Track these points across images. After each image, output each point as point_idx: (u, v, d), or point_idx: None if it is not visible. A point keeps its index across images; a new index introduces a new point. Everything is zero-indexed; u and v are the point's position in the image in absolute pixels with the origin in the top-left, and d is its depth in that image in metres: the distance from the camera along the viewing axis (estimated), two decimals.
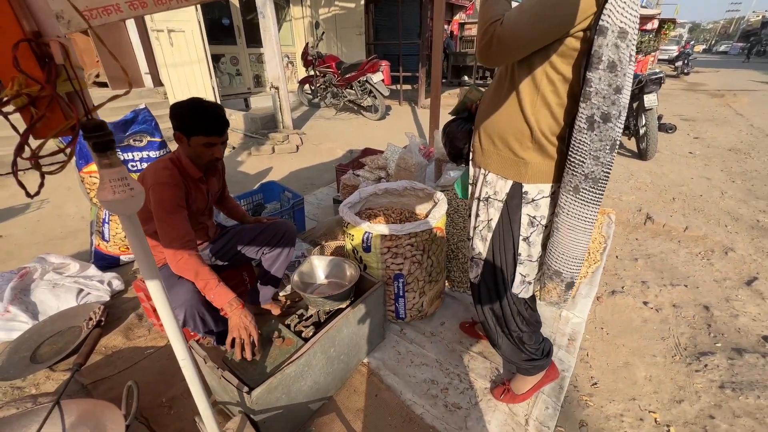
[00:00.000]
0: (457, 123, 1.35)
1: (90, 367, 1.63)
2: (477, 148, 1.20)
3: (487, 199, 1.18)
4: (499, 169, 1.12)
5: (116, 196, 0.57)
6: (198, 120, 1.36)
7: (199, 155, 1.42)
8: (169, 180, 1.36)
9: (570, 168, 0.98)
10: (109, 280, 2.08)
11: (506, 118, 1.06)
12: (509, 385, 1.49)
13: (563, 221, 1.03)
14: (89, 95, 0.56)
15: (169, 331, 0.80)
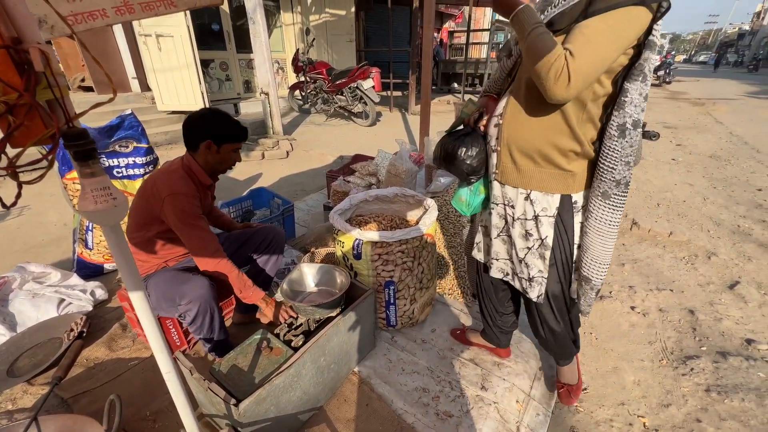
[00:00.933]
0: (459, 139, 1.23)
1: (70, 381, 1.58)
2: (509, 168, 1.15)
3: (536, 217, 1.15)
4: (544, 186, 1.10)
5: (98, 206, 0.56)
6: (230, 128, 1.45)
7: (224, 161, 1.51)
8: (188, 190, 1.40)
9: (600, 174, 1.03)
10: (92, 290, 2.03)
11: (549, 135, 1.03)
12: (566, 383, 1.52)
13: (593, 226, 1.09)
14: (71, 102, 0.54)
15: (152, 343, 0.78)
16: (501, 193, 1.22)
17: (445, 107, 8.77)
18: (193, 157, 1.48)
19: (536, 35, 0.89)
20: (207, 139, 1.42)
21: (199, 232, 1.40)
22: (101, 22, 1.01)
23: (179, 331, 1.68)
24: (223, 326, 1.55)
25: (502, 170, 1.18)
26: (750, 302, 2.14)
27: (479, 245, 1.44)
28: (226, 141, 1.45)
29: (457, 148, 1.20)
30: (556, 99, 0.91)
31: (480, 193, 1.30)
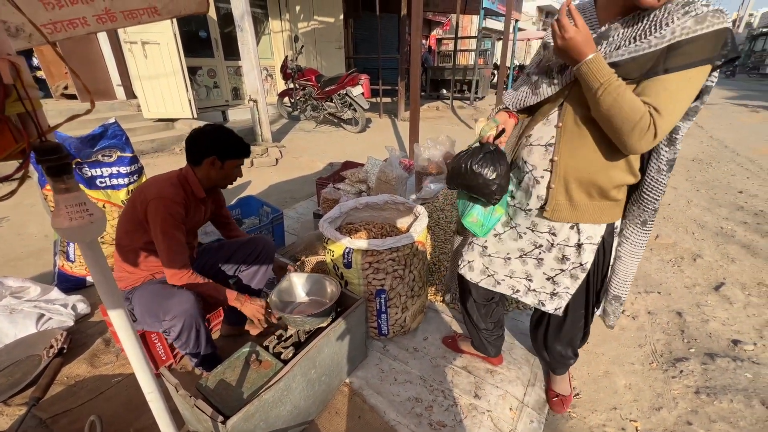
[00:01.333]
0: (484, 157, 1.11)
1: (50, 400, 1.51)
2: (562, 204, 1.10)
3: (579, 245, 1.14)
4: (595, 218, 1.10)
5: (73, 222, 0.53)
6: (235, 144, 1.47)
7: (227, 176, 1.52)
8: (175, 197, 1.38)
9: (643, 204, 1.09)
10: (74, 304, 1.96)
11: (611, 171, 1.02)
12: (560, 393, 1.55)
13: (627, 251, 1.17)
14: (44, 115, 0.52)
15: (134, 363, 0.75)
16: (546, 228, 1.17)
17: (435, 113, 8.84)
18: (194, 170, 1.48)
19: (615, 91, 0.85)
20: (212, 155, 1.44)
21: (171, 243, 1.37)
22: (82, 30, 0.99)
23: (165, 345, 1.64)
24: (210, 340, 1.51)
25: (554, 207, 1.11)
26: (735, 303, 2.18)
27: (471, 264, 1.38)
28: (231, 157, 1.47)
29: (483, 167, 1.09)
30: (635, 152, 0.94)
31: (496, 213, 1.20)
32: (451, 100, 9.54)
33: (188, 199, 1.46)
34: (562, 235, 1.15)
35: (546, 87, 1.06)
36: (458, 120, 7.97)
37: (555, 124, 1.05)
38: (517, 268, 1.29)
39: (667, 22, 0.83)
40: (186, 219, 1.45)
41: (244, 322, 1.86)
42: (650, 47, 0.84)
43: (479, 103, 9.97)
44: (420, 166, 2.95)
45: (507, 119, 1.18)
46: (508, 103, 1.20)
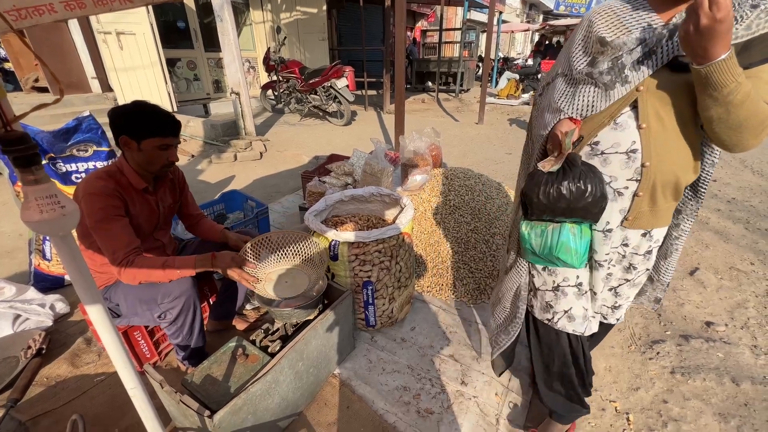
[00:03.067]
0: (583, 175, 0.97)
1: (29, 401, 1.48)
2: (644, 212, 1.00)
3: (649, 251, 1.08)
4: (666, 220, 1.04)
5: (44, 215, 0.52)
6: (150, 121, 1.27)
7: (151, 161, 1.32)
8: (100, 190, 1.24)
9: (698, 198, 1.05)
10: (52, 303, 1.90)
11: (692, 170, 0.96)
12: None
13: (679, 239, 1.13)
14: (8, 104, 0.50)
15: (114, 359, 0.73)
16: (620, 237, 1.07)
17: (420, 106, 8.83)
18: (126, 158, 1.34)
19: (746, 88, 0.74)
20: (122, 135, 1.27)
21: (106, 236, 1.23)
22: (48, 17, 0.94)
23: (149, 342, 1.61)
24: (202, 331, 1.50)
25: (636, 216, 1.01)
26: (708, 287, 2.27)
27: (571, 313, 1.15)
28: (145, 136, 1.27)
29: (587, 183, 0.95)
30: (746, 149, 0.86)
31: (584, 234, 1.05)
32: (436, 93, 9.55)
33: (124, 190, 1.31)
34: (633, 243, 1.07)
35: (620, 87, 0.90)
36: (444, 112, 7.99)
37: (636, 126, 0.92)
38: (607, 295, 1.18)
39: (741, 15, 0.76)
40: (128, 212, 1.32)
41: (230, 317, 1.84)
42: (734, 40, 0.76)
43: (464, 95, 10.00)
44: (406, 159, 2.95)
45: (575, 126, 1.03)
46: (571, 112, 1.01)
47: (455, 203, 2.44)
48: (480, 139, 5.80)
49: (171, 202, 1.55)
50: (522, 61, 13.74)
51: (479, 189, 2.57)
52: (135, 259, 1.26)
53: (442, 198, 2.49)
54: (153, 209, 1.44)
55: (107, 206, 1.24)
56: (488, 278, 2.14)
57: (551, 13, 20.15)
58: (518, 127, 6.60)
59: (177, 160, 1.41)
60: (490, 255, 2.23)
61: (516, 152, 5.08)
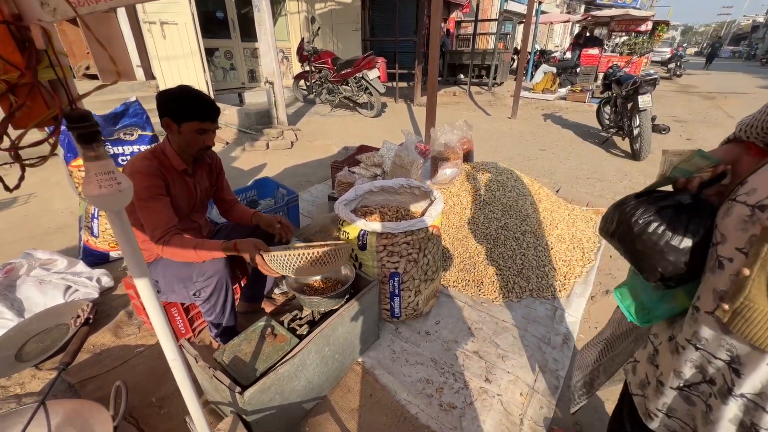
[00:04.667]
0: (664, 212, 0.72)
1: (77, 366, 1.59)
2: (759, 303, 0.58)
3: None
4: None
5: (102, 190, 0.55)
6: (191, 104, 1.33)
7: (189, 143, 1.37)
8: (145, 169, 1.32)
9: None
10: (98, 277, 2.04)
11: None
12: None
13: None
14: (74, 84, 0.53)
15: (158, 330, 0.77)
16: (713, 337, 0.68)
17: (451, 99, 8.67)
18: (169, 140, 1.40)
19: None
20: (165, 117, 1.32)
21: (147, 215, 1.29)
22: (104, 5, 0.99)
23: (184, 319, 1.69)
24: (233, 309, 1.57)
25: (742, 307, 0.61)
26: None
27: (656, 410, 0.80)
28: (185, 119, 1.32)
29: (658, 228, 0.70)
30: None
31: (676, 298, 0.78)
32: (468, 86, 9.34)
33: (166, 171, 1.38)
34: (747, 369, 0.62)
35: None
36: (475, 106, 7.81)
37: None
38: (678, 406, 0.77)
39: None
40: (169, 191, 1.38)
41: (259, 300, 1.90)
42: None
43: (497, 89, 9.72)
44: (436, 151, 2.91)
45: (740, 157, 0.73)
46: (747, 131, 0.73)
47: (486, 198, 2.38)
48: (512, 135, 5.63)
49: (208, 185, 1.62)
50: (560, 54, 13.16)
51: (511, 185, 2.51)
52: (172, 238, 1.32)
53: (472, 193, 2.45)
54: (191, 191, 1.50)
55: (152, 185, 1.32)
56: (517, 276, 2.08)
57: (594, 3, 19.12)
58: (553, 123, 6.36)
59: (213, 145, 1.45)
60: (520, 253, 2.17)
61: (550, 149, 4.90)
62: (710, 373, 0.69)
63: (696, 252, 0.68)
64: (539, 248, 2.25)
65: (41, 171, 3.74)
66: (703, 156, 0.72)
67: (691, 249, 0.68)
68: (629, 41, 11.71)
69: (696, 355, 0.71)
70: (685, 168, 0.73)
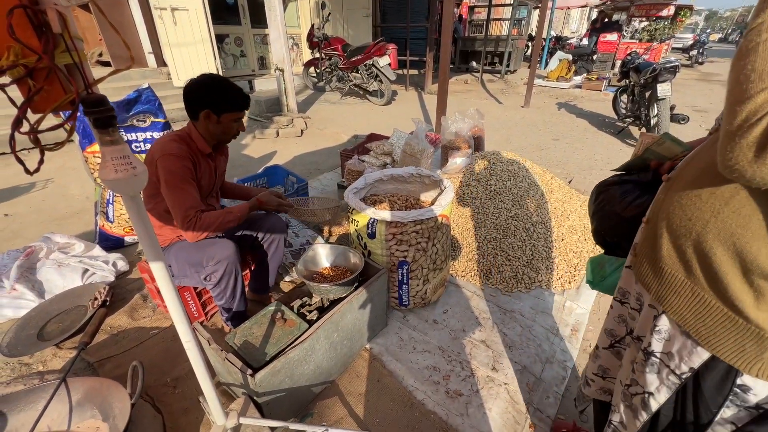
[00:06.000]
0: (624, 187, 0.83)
1: (96, 346, 1.65)
2: (645, 252, 0.73)
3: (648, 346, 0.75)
4: (683, 302, 0.66)
5: (118, 174, 0.56)
6: (231, 96, 1.39)
7: (226, 131, 1.45)
8: (177, 151, 1.37)
9: None
10: (114, 261, 2.09)
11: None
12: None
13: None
14: (89, 69, 0.53)
15: (172, 313, 0.79)
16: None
17: (463, 87, 8.53)
18: (195, 125, 1.44)
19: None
20: (206, 109, 1.37)
21: (178, 196, 1.34)
22: None
23: (197, 303, 1.73)
24: (243, 294, 1.61)
25: (640, 251, 0.75)
26: None
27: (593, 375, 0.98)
28: (226, 110, 1.39)
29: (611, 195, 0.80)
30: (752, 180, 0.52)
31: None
32: (480, 73, 9.16)
33: (195, 154, 1.43)
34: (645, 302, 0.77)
35: None
36: (487, 94, 7.67)
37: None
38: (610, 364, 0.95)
39: None
40: (196, 174, 1.44)
41: (267, 290, 1.93)
42: None
43: (510, 76, 9.52)
44: (447, 140, 2.88)
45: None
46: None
47: (496, 188, 2.36)
48: (525, 124, 5.53)
49: (224, 169, 1.68)
50: (576, 40, 12.76)
51: (522, 175, 2.47)
52: (202, 215, 1.38)
53: (482, 182, 2.42)
54: (212, 174, 1.56)
55: (184, 167, 1.37)
56: (526, 267, 2.07)
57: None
58: (567, 112, 6.21)
59: (244, 130, 1.54)
60: (530, 244, 2.15)
61: (563, 138, 4.80)
62: (630, 324, 0.81)
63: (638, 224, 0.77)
64: (550, 239, 2.23)
65: (58, 157, 3.82)
66: (674, 141, 0.79)
67: (633, 219, 0.77)
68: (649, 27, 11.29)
69: (621, 310, 0.83)
70: (656, 151, 0.81)
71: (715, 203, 0.57)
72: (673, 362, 0.66)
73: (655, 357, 0.69)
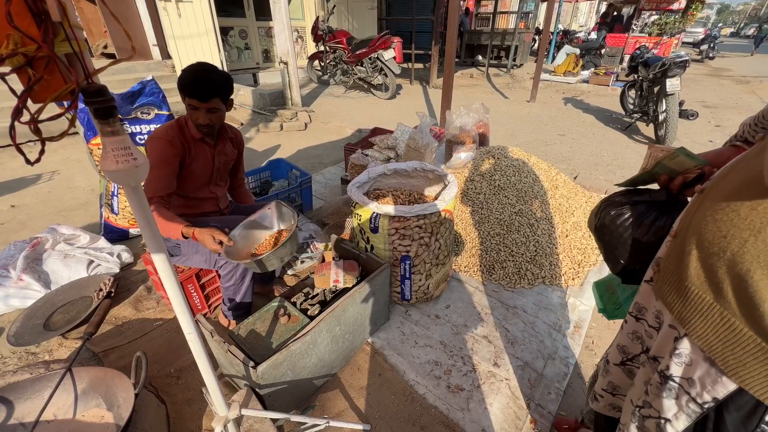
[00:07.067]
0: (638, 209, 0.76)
1: (100, 336, 1.67)
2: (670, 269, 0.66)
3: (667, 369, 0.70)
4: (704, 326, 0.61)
5: (119, 166, 0.55)
6: (186, 80, 1.36)
7: (190, 117, 1.45)
8: (164, 135, 1.41)
9: None
10: (119, 253, 2.11)
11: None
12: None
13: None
14: (90, 58, 0.53)
15: (175, 305, 0.80)
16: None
17: (468, 81, 8.45)
18: None
19: None
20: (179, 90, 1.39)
21: (150, 176, 1.34)
22: None
23: (200, 295, 1.74)
24: (251, 289, 1.61)
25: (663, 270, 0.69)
26: None
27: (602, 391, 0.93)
28: (184, 94, 1.38)
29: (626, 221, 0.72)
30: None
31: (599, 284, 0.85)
32: (486, 67, 9.07)
33: (187, 140, 1.46)
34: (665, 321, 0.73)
35: None
36: (493, 89, 7.59)
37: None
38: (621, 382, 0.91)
39: None
40: (184, 157, 1.45)
41: (270, 281, 1.94)
42: None
43: (517, 71, 9.41)
44: (451, 135, 2.86)
45: (725, 162, 0.69)
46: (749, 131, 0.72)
47: (501, 183, 2.34)
48: (530, 119, 5.48)
49: (228, 158, 1.66)
50: (584, 34, 12.58)
51: (527, 170, 2.45)
52: (155, 206, 1.36)
53: (487, 177, 2.40)
54: (208, 160, 1.56)
55: (162, 151, 1.39)
56: (529, 263, 2.06)
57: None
58: (573, 107, 6.14)
59: (205, 123, 1.43)
60: (533, 239, 2.14)
61: (569, 134, 4.75)
62: (647, 343, 0.74)
63: (657, 248, 0.70)
64: (554, 235, 2.21)
65: (64, 150, 3.84)
66: (689, 156, 0.72)
67: (654, 244, 0.70)
68: (659, 20, 11.07)
69: (636, 326, 0.76)
70: (668, 165, 0.73)
71: (755, 221, 0.51)
72: (695, 389, 0.61)
73: (674, 381, 0.64)
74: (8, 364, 1.54)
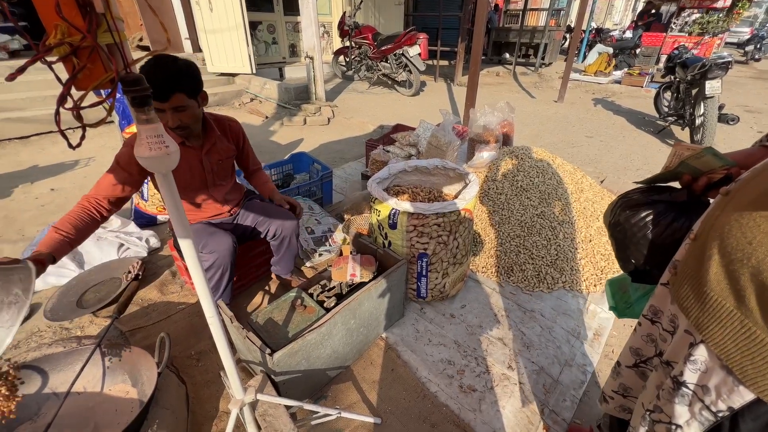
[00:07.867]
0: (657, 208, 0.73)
1: (128, 317, 1.75)
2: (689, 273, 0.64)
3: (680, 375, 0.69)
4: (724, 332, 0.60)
5: (152, 152, 0.58)
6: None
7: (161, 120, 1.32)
8: (132, 141, 1.33)
9: None
10: (147, 238, 2.20)
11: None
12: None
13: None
14: (129, 48, 0.55)
15: (198, 290, 0.83)
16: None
17: (494, 79, 8.29)
18: None
19: None
20: None
21: (104, 175, 1.28)
22: None
23: None
24: (228, 290, 1.61)
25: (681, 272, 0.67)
26: None
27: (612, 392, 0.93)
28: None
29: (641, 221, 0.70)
30: None
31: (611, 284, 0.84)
32: (513, 66, 8.87)
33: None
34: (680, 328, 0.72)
35: None
36: (519, 88, 7.42)
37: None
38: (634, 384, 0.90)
39: None
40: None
41: (287, 273, 1.96)
42: None
43: (545, 69, 9.16)
44: (474, 134, 2.82)
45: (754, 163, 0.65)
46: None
47: (523, 184, 2.30)
48: (557, 119, 5.33)
49: (222, 156, 1.52)
50: (618, 33, 12.09)
51: (551, 172, 2.39)
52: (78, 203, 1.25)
53: (509, 177, 2.36)
54: (195, 164, 1.45)
55: (121, 157, 1.31)
56: (550, 267, 2.02)
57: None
58: (603, 108, 5.93)
59: (176, 125, 1.31)
60: (555, 243, 2.09)
61: (597, 136, 4.60)
62: (661, 346, 0.72)
63: (673, 250, 0.67)
64: (576, 240, 2.15)
65: (99, 137, 4.03)
66: (716, 155, 0.68)
67: (670, 246, 0.67)
68: (701, 19, 10.50)
69: (651, 329, 0.75)
70: (693, 165, 0.70)
71: None
72: (709, 397, 0.60)
73: (687, 388, 0.63)
74: (44, 337, 1.64)
